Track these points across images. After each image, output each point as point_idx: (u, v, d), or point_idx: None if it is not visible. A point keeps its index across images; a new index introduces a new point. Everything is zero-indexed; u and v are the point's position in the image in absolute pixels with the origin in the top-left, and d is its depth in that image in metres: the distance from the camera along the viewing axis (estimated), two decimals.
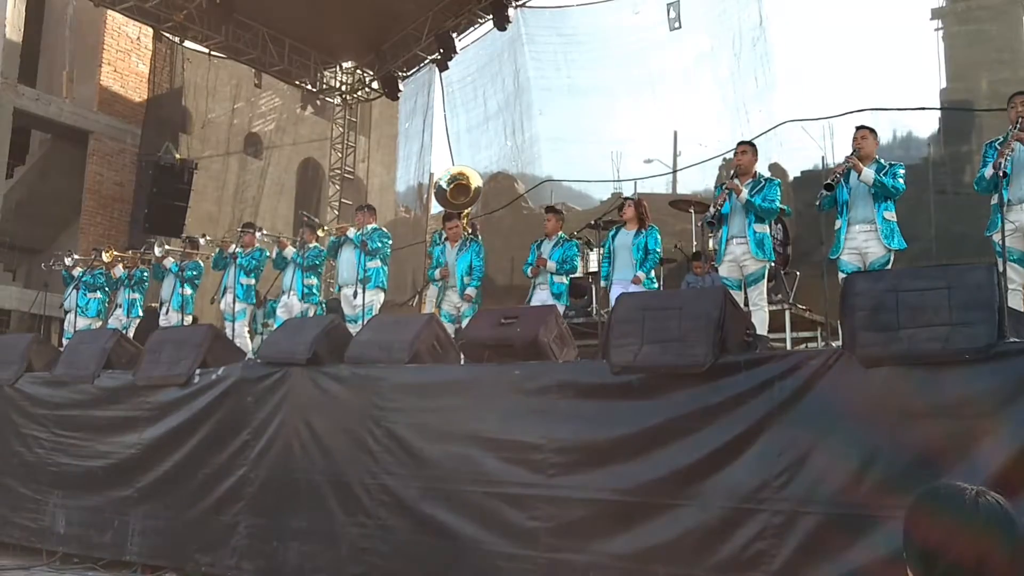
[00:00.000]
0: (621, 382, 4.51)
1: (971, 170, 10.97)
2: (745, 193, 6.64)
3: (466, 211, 10.31)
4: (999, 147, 5.91)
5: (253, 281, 9.95)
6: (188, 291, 10.40)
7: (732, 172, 7.06)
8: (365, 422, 5.32)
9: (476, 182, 10.48)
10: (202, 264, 10.55)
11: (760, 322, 6.74)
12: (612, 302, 7.60)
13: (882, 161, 6.54)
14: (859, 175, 6.32)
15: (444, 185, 10.29)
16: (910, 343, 3.76)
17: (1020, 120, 5.88)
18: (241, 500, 5.72)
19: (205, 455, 5.95)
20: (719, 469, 4.11)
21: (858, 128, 6.68)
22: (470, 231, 9.35)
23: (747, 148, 7.06)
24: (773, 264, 7.02)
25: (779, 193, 6.82)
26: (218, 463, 5.87)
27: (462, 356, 5.83)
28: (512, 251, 13.98)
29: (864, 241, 6.34)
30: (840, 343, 4.27)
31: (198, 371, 6.19)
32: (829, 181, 6.29)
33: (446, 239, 8.91)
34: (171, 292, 10.36)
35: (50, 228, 15.16)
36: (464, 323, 7.95)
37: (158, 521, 6.11)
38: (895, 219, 6.40)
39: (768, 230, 6.83)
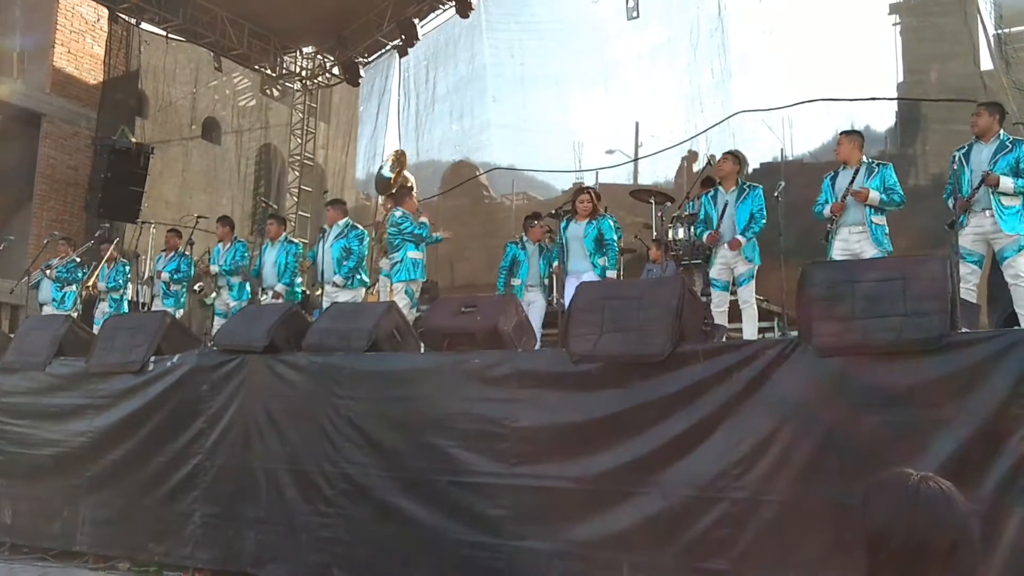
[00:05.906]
0: (581, 371, 4.52)
1: (924, 164, 11.17)
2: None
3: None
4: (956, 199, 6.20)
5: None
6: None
7: (717, 180, 7.40)
8: (324, 410, 5.27)
9: (406, 167, 10.32)
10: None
11: (751, 319, 6.95)
12: (566, 294, 7.67)
13: (872, 163, 6.66)
14: (866, 200, 6.44)
15: (388, 174, 10.13)
16: (864, 333, 3.81)
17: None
18: (196, 489, 5.64)
19: (159, 443, 5.85)
20: (679, 457, 4.14)
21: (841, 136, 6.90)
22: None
23: (728, 157, 7.38)
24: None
25: (763, 199, 7.11)
26: (172, 451, 5.78)
27: (422, 344, 5.81)
28: (472, 240, 13.93)
29: (857, 242, 6.48)
30: (797, 333, 4.31)
31: (153, 358, 6.09)
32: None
33: None
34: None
35: (0, 212, 14.79)
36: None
37: (110, 510, 6.01)
38: (885, 223, 6.53)
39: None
